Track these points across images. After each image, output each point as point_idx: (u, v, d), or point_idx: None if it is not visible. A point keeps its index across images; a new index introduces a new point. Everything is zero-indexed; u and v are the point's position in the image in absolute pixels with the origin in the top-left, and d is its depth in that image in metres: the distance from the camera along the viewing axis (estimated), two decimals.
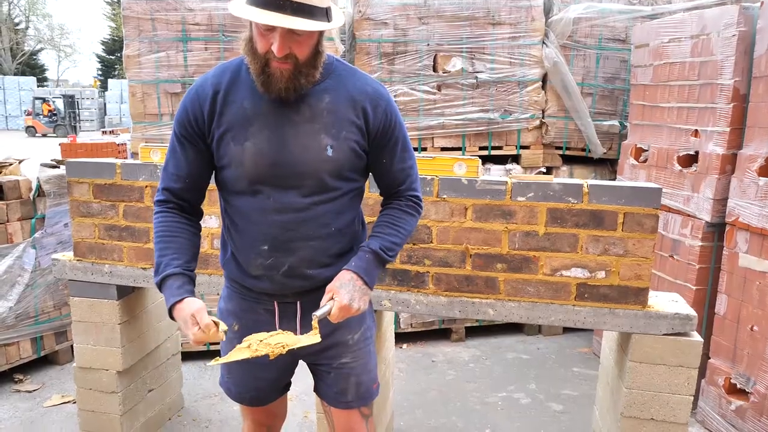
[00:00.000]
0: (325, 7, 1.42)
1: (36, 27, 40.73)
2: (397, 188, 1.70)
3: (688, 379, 2.16)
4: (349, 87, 1.58)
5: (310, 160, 1.54)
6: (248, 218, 1.60)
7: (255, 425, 1.89)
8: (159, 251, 1.60)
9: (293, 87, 1.48)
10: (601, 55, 4.27)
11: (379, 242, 1.61)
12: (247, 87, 1.54)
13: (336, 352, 1.73)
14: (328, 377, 1.77)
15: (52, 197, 3.66)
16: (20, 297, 3.51)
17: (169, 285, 1.54)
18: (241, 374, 1.78)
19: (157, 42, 3.76)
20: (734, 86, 2.96)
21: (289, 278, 1.62)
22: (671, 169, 3.39)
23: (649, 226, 2.14)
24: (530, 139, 4.32)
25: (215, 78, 1.58)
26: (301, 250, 1.60)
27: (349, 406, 1.78)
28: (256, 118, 1.53)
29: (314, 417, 2.78)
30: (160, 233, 1.62)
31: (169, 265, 1.56)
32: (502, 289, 2.29)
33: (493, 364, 3.94)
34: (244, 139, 1.53)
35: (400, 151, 1.66)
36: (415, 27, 4.03)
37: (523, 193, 2.22)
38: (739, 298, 2.91)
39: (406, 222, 1.67)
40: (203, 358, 3.91)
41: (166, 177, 1.64)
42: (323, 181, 1.56)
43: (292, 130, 1.53)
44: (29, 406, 3.32)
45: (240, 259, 1.66)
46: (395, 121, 1.63)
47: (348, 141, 1.56)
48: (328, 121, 1.54)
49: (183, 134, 1.59)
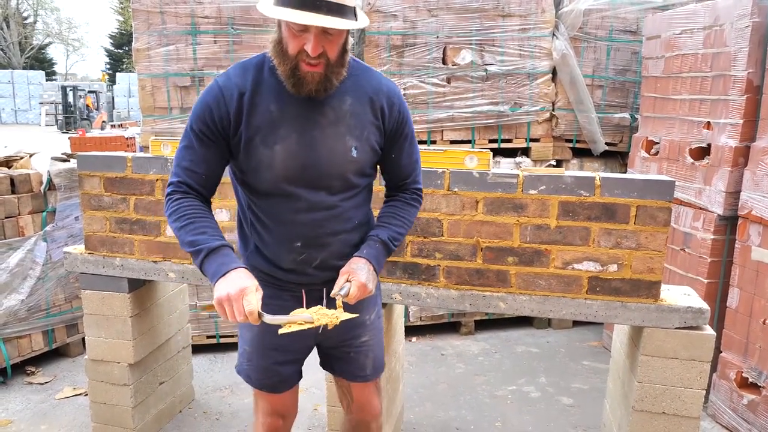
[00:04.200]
0: (353, 6, 1.48)
1: (44, 21, 40.89)
2: (403, 181, 1.80)
3: (701, 372, 2.15)
4: (366, 87, 1.65)
5: (337, 162, 1.61)
6: (279, 218, 1.66)
7: (269, 418, 1.89)
8: (193, 229, 1.55)
9: (324, 87, 1.53)
10: (612, 46, 4.24)
11: (387, 232, 1.72)
12: (272, 89, 1.58)
13: (358, 332, 1.83)
14: (349, 357, 1.86)
15: (62, 191, 3.67)
16: (32, 290, 3.53)
17: (223, 254, 1.51)
18: (261, 360, 1.82)
19: (166, 35, 3.76)
20: (747, 78, 2.93)
21: (320, 270, 1.72)
22: (683, 161, 3.36)
23: (662, 219, 2.12)
24: (540, 131, 4.29)
25: (238, 78, 1.59)
26: (331, 244, 1.69)
27: (367, 379, 1.90)
28: (283, 121, 1.58)
29: (324, 410, 2.78)
30: (187, 214, 1.58)
31: (214, 236, 1.55)
32: (514, 282, 2.29)
33: (503, 357, 3.94)
34: (273, 142, 1.57)
35: (408, 145, 1.76)
36: (425, 19, 4.01)
37: (535, 186, 2.20)
38: (752, 291, 2.89)
39: (410, 213, 1.79)
40: (214, 351, 3.93)
41: (181, 171, 1.63)
42: (349, 180, 1.66)
43: (319, 132, 1.59)
44: (41, 398, 3.34)
45: (268, 254, 1.72)
46: (406, 117, 1.72)
47: (369, 141, 1.65)
48: (351, 123, 1.62)
49: (204, 132, 1.59)
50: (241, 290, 1.43)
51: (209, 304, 1.61)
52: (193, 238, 1.54)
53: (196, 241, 1.53)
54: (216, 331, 3.88)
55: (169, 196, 1.62)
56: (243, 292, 1.43)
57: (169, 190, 1.63)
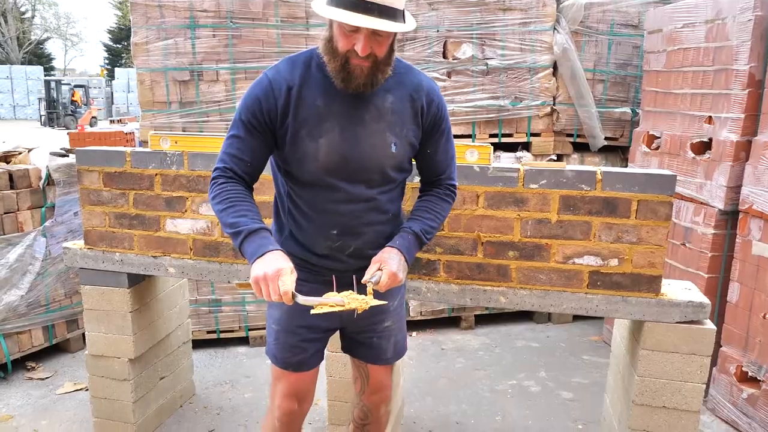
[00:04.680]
0: (402, 9, 1.55)
1: (42, 16, 40.74)
2: (438, 176, 1.87)
3: (701, 367, 2.15)
4: (407, 85, 1.73)
5: (377, 157, 1.70)
6: (318, 207, 1.74)
7: (286, 400, 1.90)
8: (234, 211, 1.63)
9: (371, 83, 1.61)
10: (614, 40, 4.22)
11: (420, 225, 1.79)
12: (319, 84, 1.66)
13: (381, 317, 1.89)
14: (371, 341, 1.93)
15: (61, 186, 3.66)
16: (31, 285, 3.53)
17: (262, 236, 1.60)
18: (289, 338, 1.86)
19: (164, 29, 3.74)
20: (750, 72, 2.92)
21: (353, 258, 1.80)
22: (684, 156, 3.36)
23: (663, 214, 2.12)
24: (541, 126, 4.28)
25: (288, 73, 1.67)
26: (366, 234, 1.78)
27: (389, 362, 1.98)
28: (329, 116, 1.66)
29: (325, 404, 2.78)
30: (230, 197, 1.65)
31: (254, 219, 1.62)
32: (514, 276, 2.28)
33: (503, 351, 3.94)
34: (318, 135, 1.65)
35: (444, 142, 1.83)
36: (425, 13, 3.99)
37: (536, 181, 2.20)
38: (752, 286, 2.89)
39: (443, 209, 1.86)
40: (214, 346, 3.93)
41: (227, 158, 1.69)
42: (387, 175, 1.74)
43: (362, 128, 1.68)
44: (42, 394, 3.34)
45: (304, 240, 1.79)
46: (444, 114, 1.80)
47: (408, 137, 1.73)
48: (392, 120, 1.70)
49: (253, 123, 1.66)
50: (277, 271, 1.50)
51: (245, 282, 1.64)
52: (234, 220, 1.61)
53: (236, 223, 1.61)
54: (216, 326, 3.88)
55: (214, 180, 1.70)
56: (279, 273, 1.50)
57: (215, 175, 1.70)
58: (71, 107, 23.96)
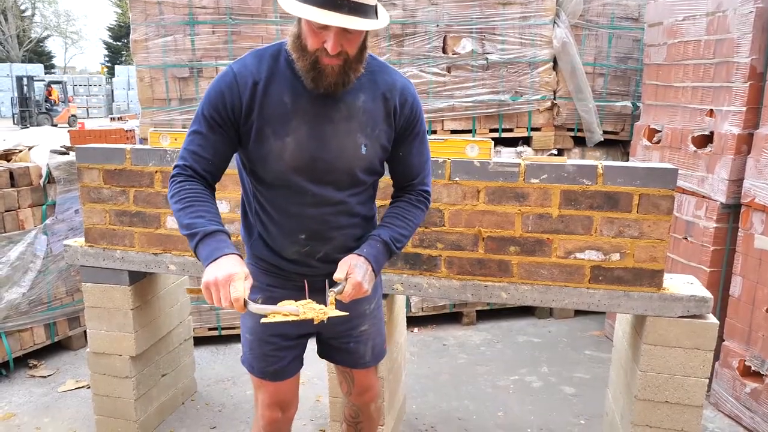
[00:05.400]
0: (374, 5, 1.47)
1: (42, 14, 40.61)
2: (410, 182, 1.78)
3: (704, 361, 2.14)
4: (380, 84, 1.64)
5: (346, 158, 1.62)
6: (284, 210, 1.67)
7: (269, 410, 1.88)
8: (192, 212, 1.54)
9: (342, 81, 1.53)
10: (614, 34, 4.21)
11: (389, 233, 1.69)
12: (286, 80, 1.57)
13: (357, 322, 1.85)
14: (348, 346, 1.89)
15: (62, 184, 3.66)
16: (33, 283, 3.53)
17: (219, 239, 1.50)
18: (263, 347, 1.82)
19: (164, 26, 3.73)
20: (751, 64, 2.90)
21: (323, 263, 1.73)
22: (685, 149, 3.34)
23: (665, 208, 2.11)
24: (541, 120, 4.26)
25: (254, 67, 1.58)
26: (336, 239, 1.71)
27: (368, 365, 1.95)
28: (296, 114, 1.57)
29: (327, 401, 2.78)
30: (188, 197, 1.56)
31: (211, 221, 1.53)
32: (516, 272, 2.28)
33: (505, 347, 3.94)
34: (284, 134, 1.57)
35: (418, 144, 1.74)
36: (424, 8, 3.98)
37: (537, 175, 2.19)
38: (755, 279, 2.88)
39: (415, 216, 1.76)
40: (216, 343, 3.93)
41: (188, 155, 1.61)
42: (356, 177, 1.66)
43: (330, 128, 1.59)
44: (44, 391, 3.35)
45: (272, 244, 1.73)
46: (419, 115, 1.72)
47: (380, 139, 1.65)
48: (363, 120, 1.62)
49: (215, 119, 1.58)
50: (228, 276, 1.41)
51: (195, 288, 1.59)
52: (190, 221, 1.53)
53: (192, 224, 1.52)
54: (218, 323, 3.88)
55: (173, 178, 1.61)
56: (230, 278, 1.41)
57: (174, 173, 1.62)
58: (46, 105, 22.27)
